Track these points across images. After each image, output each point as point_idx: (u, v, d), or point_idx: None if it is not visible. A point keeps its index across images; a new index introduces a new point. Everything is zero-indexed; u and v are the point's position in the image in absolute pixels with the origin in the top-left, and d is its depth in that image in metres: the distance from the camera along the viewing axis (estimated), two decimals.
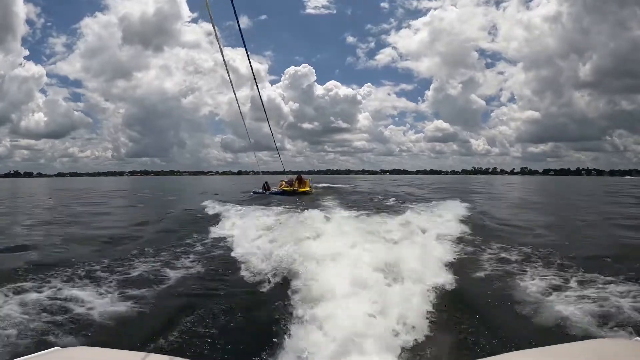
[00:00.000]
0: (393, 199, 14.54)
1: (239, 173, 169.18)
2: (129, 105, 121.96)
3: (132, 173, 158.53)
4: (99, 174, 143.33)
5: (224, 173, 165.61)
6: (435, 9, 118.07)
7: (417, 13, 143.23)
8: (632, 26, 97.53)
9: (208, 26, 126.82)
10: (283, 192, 17.64)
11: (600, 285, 3.83)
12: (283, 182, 19.04)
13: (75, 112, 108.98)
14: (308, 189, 18.84)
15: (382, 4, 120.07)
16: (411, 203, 11.88)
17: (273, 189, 18.35)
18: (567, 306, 3.35)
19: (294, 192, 17.78)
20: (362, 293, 3.28)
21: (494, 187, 29.41)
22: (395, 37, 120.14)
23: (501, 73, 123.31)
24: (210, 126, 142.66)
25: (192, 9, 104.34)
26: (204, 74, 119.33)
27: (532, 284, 3.98)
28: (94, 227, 8.59)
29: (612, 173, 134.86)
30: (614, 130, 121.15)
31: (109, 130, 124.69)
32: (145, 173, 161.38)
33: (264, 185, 18.86)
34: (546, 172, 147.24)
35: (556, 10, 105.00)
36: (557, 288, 3.82)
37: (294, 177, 19.72)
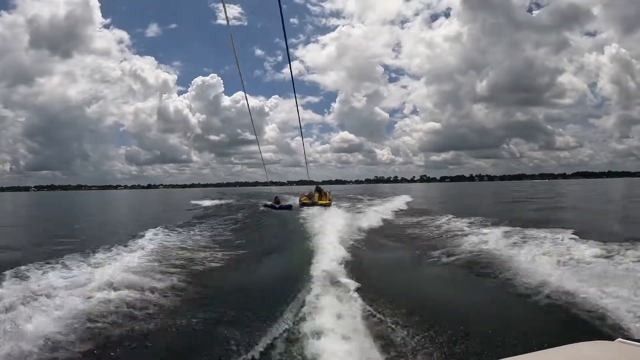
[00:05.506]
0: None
1: (149, 187, 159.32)
2: (30, 114, 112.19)
3: (39, 188, 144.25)
4: (1, 189, 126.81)
5: (132, 187, 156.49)
6: (343, 25, 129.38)
7: (325, 30, 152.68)
8: (525, 47, 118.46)
9: (120, 33, 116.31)
10: (302, 205, 18.52)
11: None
12: (304, 195, 20.21)
13: None
14: (327, 201, 18.92)
15: (292, 20, 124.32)
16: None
17: (283, 203, 18.67)
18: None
19: (314, 204, 18.19)
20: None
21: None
22: (302, 51, 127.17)
23: (404, 87, 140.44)
24: (114, 137, 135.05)
25: (105, 15, 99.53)
26: (111, 82, 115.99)
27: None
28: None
29: (502, 178, 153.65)
30: (510, 138, 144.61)
31: (7, 141, 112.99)
32: (52, 188, 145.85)
33: (274, 199, 19.26)
34: (443, 179, 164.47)
35: (457, 30, 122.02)
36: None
37: (313, 189, 20.43)
